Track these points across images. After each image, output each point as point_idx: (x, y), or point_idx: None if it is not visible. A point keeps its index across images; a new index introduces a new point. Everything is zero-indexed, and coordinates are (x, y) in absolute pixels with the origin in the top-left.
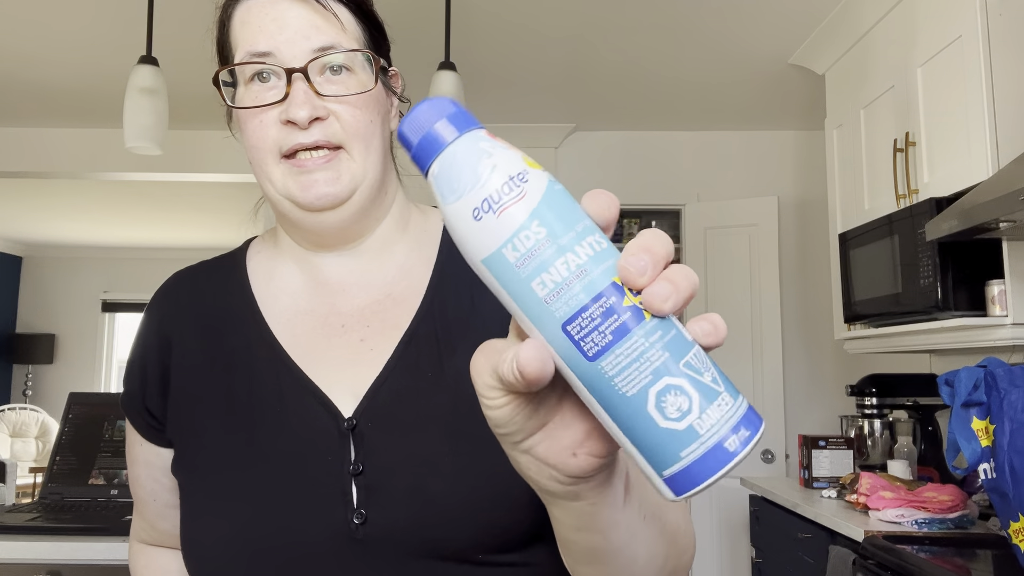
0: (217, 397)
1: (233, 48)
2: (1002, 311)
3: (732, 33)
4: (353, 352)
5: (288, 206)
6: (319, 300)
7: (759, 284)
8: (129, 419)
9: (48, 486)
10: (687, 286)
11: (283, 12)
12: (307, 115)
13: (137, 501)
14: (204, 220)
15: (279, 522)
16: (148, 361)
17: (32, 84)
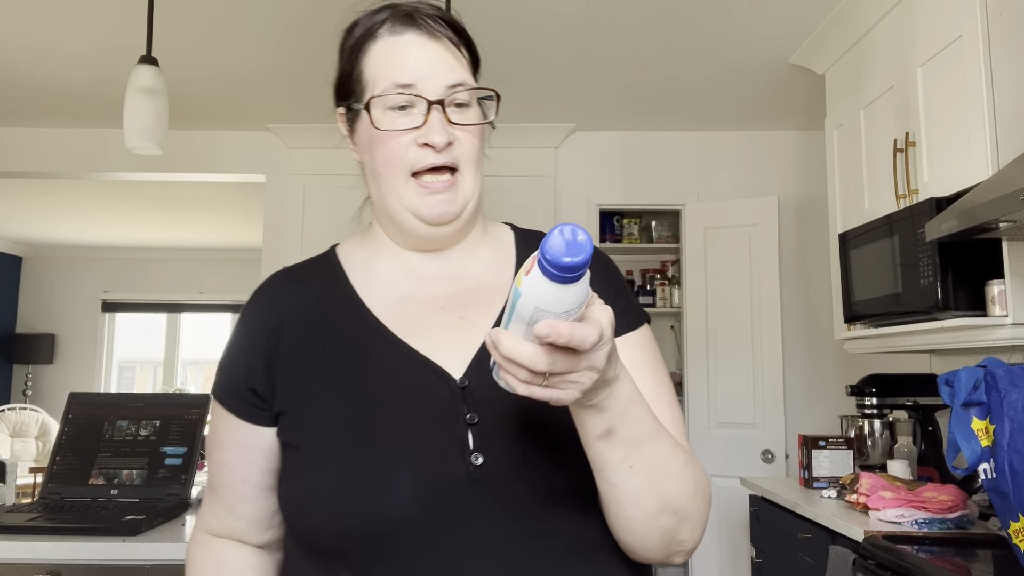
0: (330, 371)
1: (370, 78)
2: (1002, 311)
3: (732, 33)
4: (455, 328)
5: (410, 218)
6: (417, 287)
7: (759, 284)
8: (227, 406)
9: (48, 486)
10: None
11: (423, 50)
12: (444, 140)
13: (219, 487)
14: (204, 220)
15: (408, 469)
16: (255, 348)
17: (32, 84)
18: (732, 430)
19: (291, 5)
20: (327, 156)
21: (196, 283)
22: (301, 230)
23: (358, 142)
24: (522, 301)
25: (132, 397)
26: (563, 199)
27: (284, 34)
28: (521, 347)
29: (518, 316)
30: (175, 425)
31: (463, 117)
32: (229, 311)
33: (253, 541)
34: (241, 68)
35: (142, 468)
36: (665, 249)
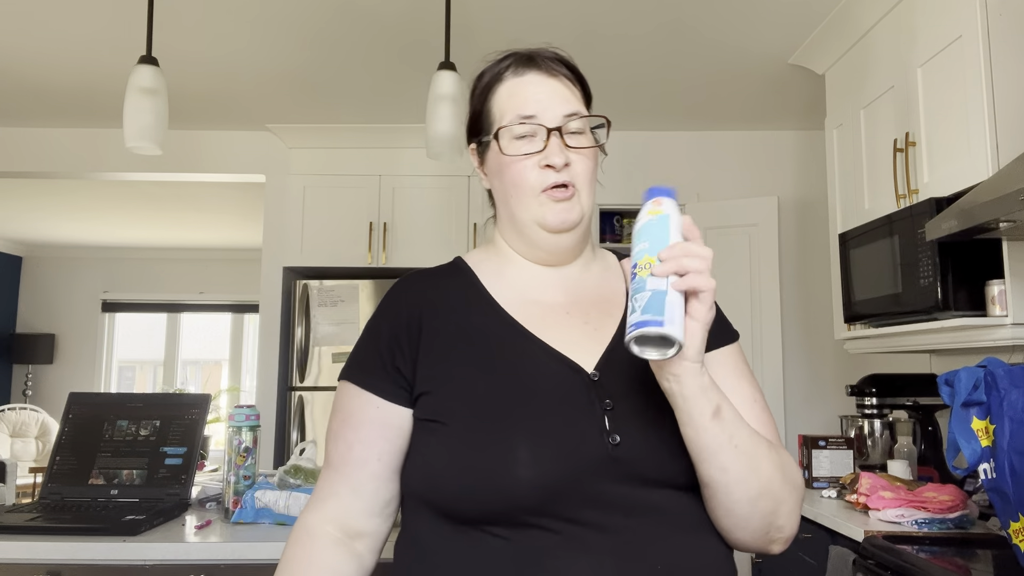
0: (472, 358)
1: (498, 115)
2: (1002, 311)
3: (732, 33)
4: (580, 331)
5: (536, 229)
6: (542, 293)
7: (759, 284)
8: (369, 385)
9: (48, 486)
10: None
11: (543, 86)
12: (562, 160)
13: (348, 465)
14: (204, 220)
15: (551, 445)
16: (400, 333)
17: (32, 84)
18: None
19: (291, 5)
20: (327, 156)
21: (196, 283)
22: (301, 230)
23: (488, 171)
24: (655, 227)
25: (132, 397)
26: None
27: (284, 34)
28: (685, 244)
29: (659, 242)
30: (175, 425)
31: (577, 142)
32: (229, 311)
33: (361, 527)
34: (241, 68)
35: (142, 468)
36: None
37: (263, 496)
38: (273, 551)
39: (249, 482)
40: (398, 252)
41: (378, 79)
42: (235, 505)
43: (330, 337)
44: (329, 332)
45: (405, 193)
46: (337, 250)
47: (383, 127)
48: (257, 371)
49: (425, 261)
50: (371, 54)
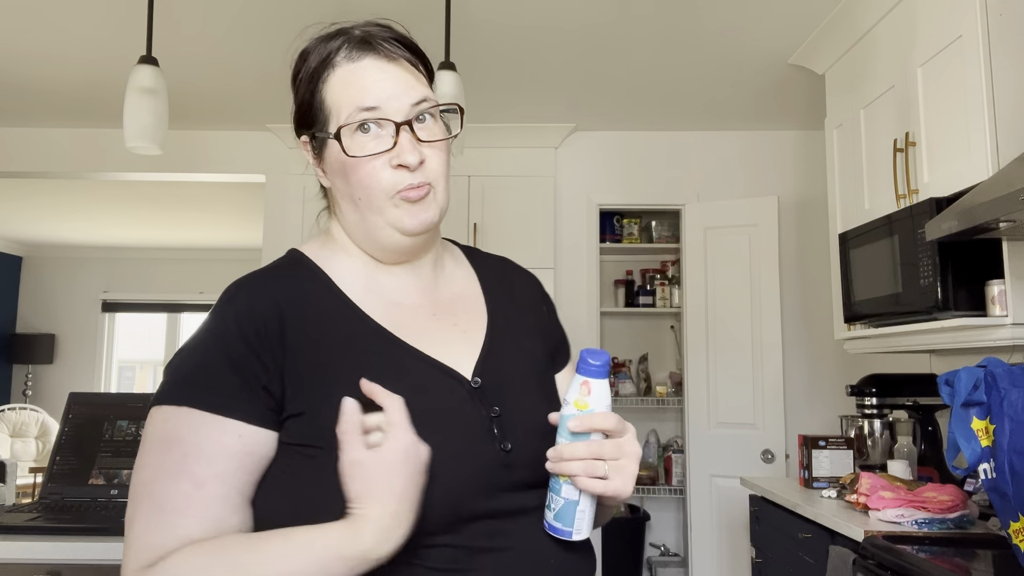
0: (344, 372)
1: (332, 106)
2: (1002, 311)
3: (732, 33)
4: (451, 334)
5: (392, 232)
6: (404, 295)
7: (759, 284)
8: (230, 412)
9: (48, 486)
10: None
11: (383, 73)
12: (416, 160)
13: (199, 504)
14: (204, 220)
15: (446, 459)
16: (256, 342)
17: (32, 84)
18: (732, 430)
19: (291, 5)
20: None
21: (196, 283)
22: (301, 230)
23: (328, 168)
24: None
25: (132, 397)
26: (563, 199)
27: (284, 34)
28: (575, 446)
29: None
30: None
31: (429, 134)
32: None
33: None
34: (241, 68)
35: None
36: (665, 249)
37: None
38: None
39: None
40: None
41: None
42: None
43: None
44: None
45: None
46: None
47: None
48: None
49: None
50: None
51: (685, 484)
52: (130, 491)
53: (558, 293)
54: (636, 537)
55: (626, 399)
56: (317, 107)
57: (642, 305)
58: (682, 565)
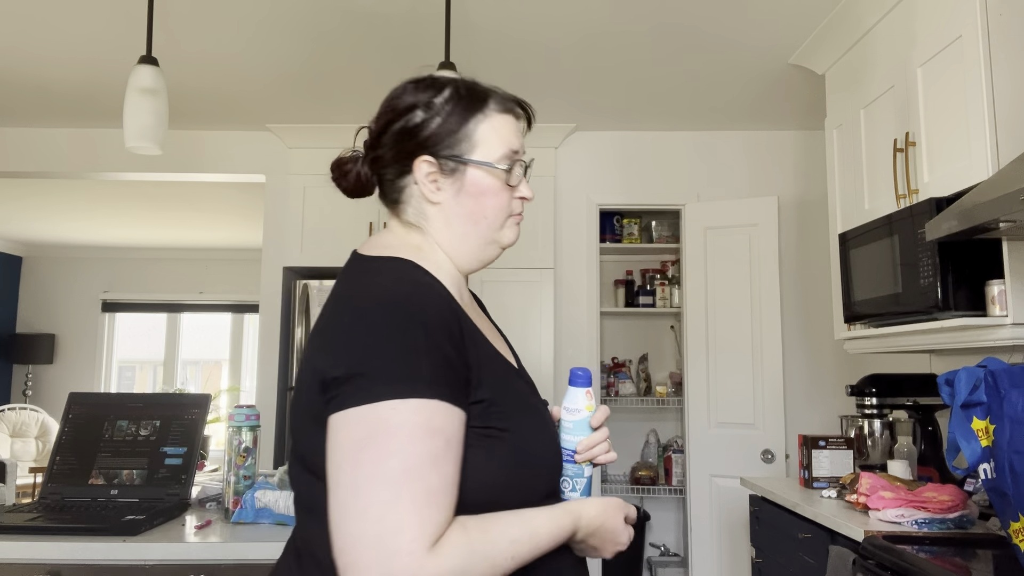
0: (498, 368)
1: (481, 141)
2: (1002, 311)
3: (732, 33)
4: (497, 339)
5: (495, 248)
6: (468, 302)
7: (759, 284)
8: (459, 403)
9: (48, 486)
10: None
11: (519, 129)
12: (532, 195)
13: (451, 489)
14: (204, 220)
15: (557, 451)
16: (456, 337)
17: (32, 84)
18: (732, 430)
19: (291, 5)
20: (327, 156)
21: (196, 283)
22: (301, 230)
23: (456, 189)
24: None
25: (132, 397)
26: (563, 199)
27: (284, 34)
28: (595, 436)
29: (579, 428)
30: (175, 425)
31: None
32: (229, 311)
33: None
34: (241, 68)
35: (142, 468)
36: (665, 249)
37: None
38: (273, 551)
39: (249, 482)
40: None
41: (378, 79)
42: (235, 505)
43: None
44: None
45: None
46: (337, 250)
47: None
48: (257, 371)
49: None
50: (371, 54)
51: (685, 484)
52: (383, 475)
53: (558, 293)
54: (636, 537)
55: (626, 399)
56: (462, 137)
57: (642, 305)
58: (682, 565)
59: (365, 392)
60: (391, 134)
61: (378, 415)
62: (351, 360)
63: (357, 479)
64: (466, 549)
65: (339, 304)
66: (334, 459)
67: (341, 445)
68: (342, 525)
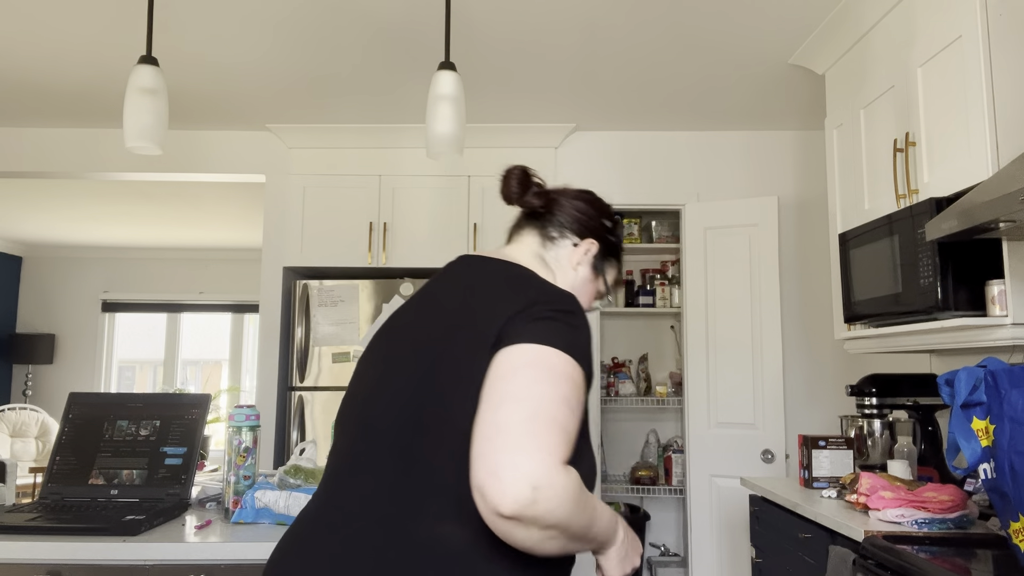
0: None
1: (608, 265)
2: (1002, 311)
3: (732, 33)
4: None
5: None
6: None
7: (759, 284)
8: (589, 382)
9: (48, 486)
10: None
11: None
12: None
13: (572, 440)
14: (204, 220)
15: None
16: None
17: (32, 84)
18: (732, 430)
19: (291, 5)
20: (327, 156)
21: (196, 283)
22: (301, 230)
23: (591, 266)
24: None
25: (132, 397)
26: None
27: (284, 34)
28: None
29: None
30: (175, 425)
31: None
32: (229, 311)
33: None
34: (241, 68)
35: (142, 468)
36: (665, 249)
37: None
38: None
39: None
40: (398, 252)
41: (378, 79)
42: (235, 505)
43: (330, 337)
44: (329, 332)
45: (405, 193)
46: (337, 250)
47: (383, 127)
48: (257, 371)
49: (425, 261)
50: (371, 54)
51: (685, 484)
52: (524, 401)
53: None
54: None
55: (626, 399)
56: (613, 249)
57: (642, 305)
58: (682, 565)
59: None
60: (589, 216)
61: (552, 358)
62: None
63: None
64: (577, 482)
65: (523, 277)
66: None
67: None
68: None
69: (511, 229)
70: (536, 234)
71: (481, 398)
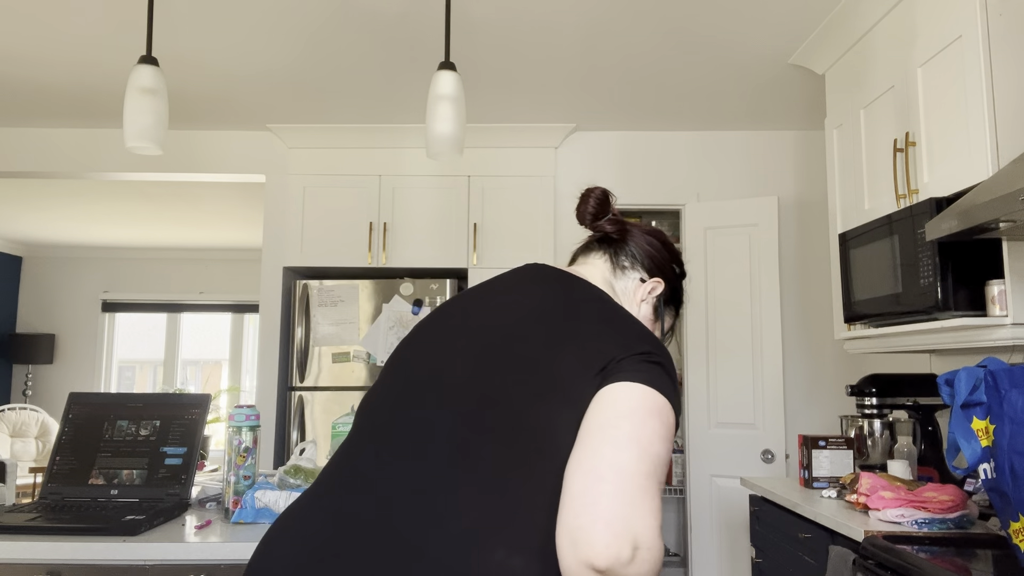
0: None
1: (667, 310)
2: (1002, 311)
3: (732, 33)
4: None
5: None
6: None
7: (759, 284)
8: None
9: (48, 486)
10: None
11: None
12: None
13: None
14: (204, 220)
15: None
16: None
17: (32, 84)
18: (732, 430)
19: (291, 5)
20: (327, 156)
21: (196, 283)
22: (301, 230)
23: (656, 302)
24: None
25: (132, 397)
26: (563, 199)
27: (284, 34)
28: None
29: None
30: (175, 425)
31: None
32: (229, 311)
33: None
34: (241, 68)
35: (142, 468)
36: None
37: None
38: None
39: (249, 482)
40: (398, 252)
41: (378, 79)
42: (235, 505)
43: (330, 337)
44: (329, 332)
45: (405, 193)
46: (337, 250)
47: (383, 127)
48: (257, 371)
49: (425, 261)
50: (371, 54)
51: (685, 484)
52: (647, 455)
53: None
54: None
55: None
56: (676, 295)
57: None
58: (682, 565)
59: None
60: (660, 256)
61: (661, 410)
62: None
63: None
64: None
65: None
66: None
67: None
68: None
69: (577, 251)
70: (608, 260)
71: (589, 428)
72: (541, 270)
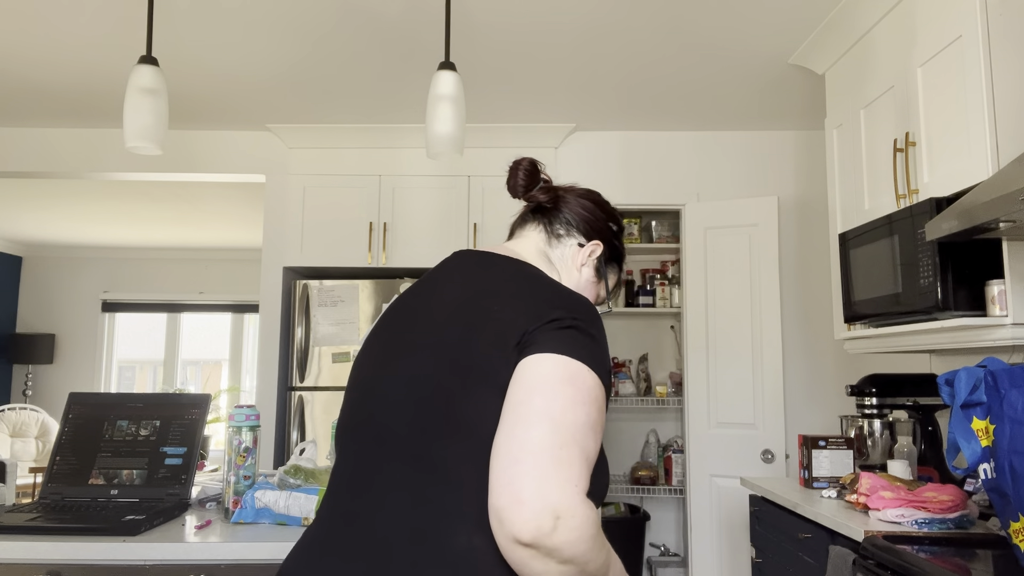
0: None
1: (620, 258)
2: (1002, 311)
3: (732, 33)
4: None
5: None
6: None
7: (759, 284)
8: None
9: (48, 486)
10: None
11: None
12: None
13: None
14: (204, 220)
15: None
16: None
17: (32, 84)
18: (732, 430)
19: (291, 6)
20: (327, 156)
21: (196, 283)
22: (301, 230)
23: (595, 268)
24: None
25: (132, 397)
26: None
27: (284, 34)
28: None
29: None
30: (175, 425)
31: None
32: (229, 311)
33: None
34: (241, 68)
35: (142, 468)
36: (665, 249)
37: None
38: (273, 551)
39: (249, 482)
40: (398, 252)
41: (378, 79)
42: (235, 505)
43: (330, 337)
44: (329, 332)
45: (405, 193)
46: (337, 250)
47: (383, 127)
48: (257, 371)
49: (425, 261)
50: (371, 54)
51: (685, 484)
52: (559, 427)
53: None
54: (636, 537)
55: (626, 399)
56: (616, 254)
57: (642, 305)
58: (682, 565)
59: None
60: (595, 217)
61: (579, 373)
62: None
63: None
64: (597, 519)
65: (531, 279)
66: (532, 391)
67: (543, 380)
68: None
69: (514, 224)
70: (542, 230)
71: (507, 407)
72: (463, 258)
